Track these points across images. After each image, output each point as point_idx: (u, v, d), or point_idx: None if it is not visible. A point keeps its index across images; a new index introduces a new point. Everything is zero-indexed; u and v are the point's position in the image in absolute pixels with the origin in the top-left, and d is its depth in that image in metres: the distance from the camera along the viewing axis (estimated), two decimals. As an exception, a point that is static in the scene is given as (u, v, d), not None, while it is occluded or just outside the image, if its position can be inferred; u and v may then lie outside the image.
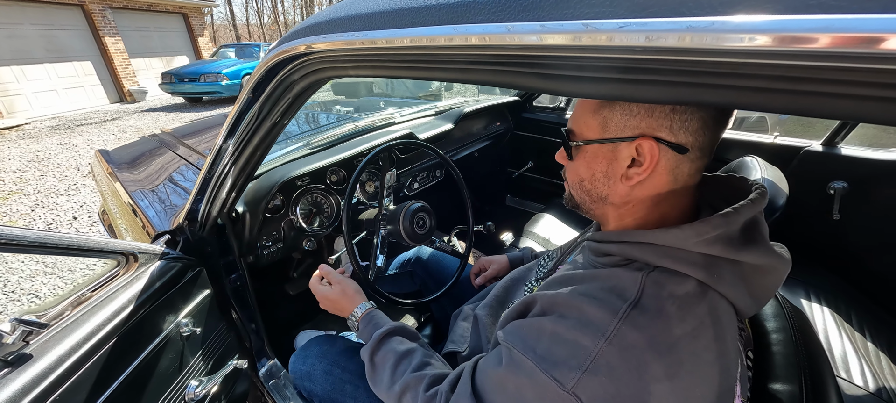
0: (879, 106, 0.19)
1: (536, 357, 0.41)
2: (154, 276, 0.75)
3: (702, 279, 0.40)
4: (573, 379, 0.38)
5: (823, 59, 0.19)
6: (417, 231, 1.00)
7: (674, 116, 0.42)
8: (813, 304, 1.14)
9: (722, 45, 0.21)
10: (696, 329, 0.38)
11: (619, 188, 0.47)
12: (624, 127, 0.44)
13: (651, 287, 0.40)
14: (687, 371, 0.37)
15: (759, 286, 0.42)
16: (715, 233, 0.40)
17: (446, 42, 0.33)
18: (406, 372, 0.60)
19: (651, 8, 0.23)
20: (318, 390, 0.84)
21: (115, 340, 0.66)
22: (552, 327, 0.42)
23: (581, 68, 0.29)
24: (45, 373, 0.56)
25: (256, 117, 0.60)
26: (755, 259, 0.41)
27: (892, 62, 0.17)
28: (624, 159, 0.45)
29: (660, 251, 0.42)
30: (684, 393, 0.37)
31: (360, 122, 1.55)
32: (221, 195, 0.80)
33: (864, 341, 1.06)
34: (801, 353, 0.48)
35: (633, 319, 0.38)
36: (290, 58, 0.49)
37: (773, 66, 0.21)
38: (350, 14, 0.41)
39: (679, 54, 0.23)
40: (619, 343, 0.38)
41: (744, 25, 0.20)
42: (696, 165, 0.44)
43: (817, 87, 0.20)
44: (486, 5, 0.31)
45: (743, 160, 1.23)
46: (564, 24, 0.27)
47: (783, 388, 0.46)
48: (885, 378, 0.97)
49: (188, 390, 0.83)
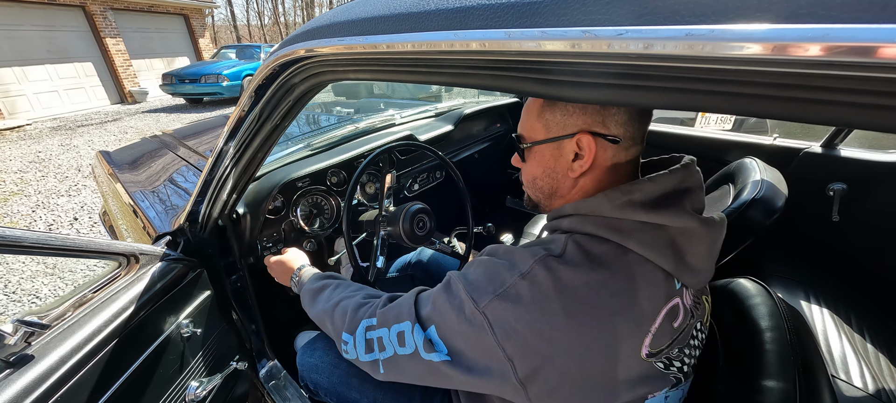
0: (870, 113, 0.19)
1: (466, 283, 0.48)
2: (155, 277, 0.75)
3: (617, 241, 0.45)
4: (486, 301, 0.45)
5: (816, 67, 0.19)
6: (417, 233, 1.00)
7: (604, 112, 0.48)
8: (812, 305, 1.14)
9: (719, 53, 0.22)
10: (602, 281, 0.43)
11: (567, 181, 0.54)
12: (564, 126, 0.51)
13: (573, 246, 0.46)
14: (582, 312, 0.42)
15: (692, 254, 0.46)
16: (625, 198, 0.46)
17: (447, 47, 0.33)
18: (344, 291, 0.66)
19: (647, 16, 0.23)
20: (325, 382, 0.85)
21: (116, 341, 0.66)
22: (487, 262, 0.49)
23: (579, 74, 0.30)
24: (46, 374, 0.56)
25: (257, 120, 0.60)
26: (668, 221, 0.45)
27: (882, 70, 0.18)
28: (568, 154, 0.52)
29: (583, 219, 0.48)
30: (577, 331, 0.42)
31: (360, 123, 1.56)
32: (222, 197, 0.80)
33: (863, 342, 1.07)
34: (797, 352, 0.48)
35: (547, 263, 0.44)
36: (292, 61, 0.49)
37: (766, 73, 0.21)
38: (351, 18, 0.42)
39: (676, 61, 0.24)
40: (531, 280, 0.44)
41: (738, 33, 0.21)
42: (630, 152, 0.51)
43: (810, 94, 0.21)
44: (486, 10, 0.31)
45: (742, 162, 1.23)
46: (564, 31, 0.27)
47: (777, 386, 0.46)
48: (885, 379, 0.97)
49: (189, 391, 0.83)
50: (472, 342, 0.46)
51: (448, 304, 0.48)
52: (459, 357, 0.47)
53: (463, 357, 0.47)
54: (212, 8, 11.03)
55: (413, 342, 0.50)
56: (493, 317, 0.44)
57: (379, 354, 0.54)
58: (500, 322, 0.44)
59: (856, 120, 0.21)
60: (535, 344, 0.43)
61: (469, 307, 0.46)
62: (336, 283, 0.71)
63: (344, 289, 0.67)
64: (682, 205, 0.47)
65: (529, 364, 0.43)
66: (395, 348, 0.52)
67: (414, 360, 0.50)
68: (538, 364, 0.43)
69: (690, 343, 0.49)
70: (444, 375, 0.49)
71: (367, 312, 0.58)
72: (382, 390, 0.78)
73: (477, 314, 0.45)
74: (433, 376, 0.50)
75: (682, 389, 0.51)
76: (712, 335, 0.62)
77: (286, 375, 1.14)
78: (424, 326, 0.50)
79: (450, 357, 0.47)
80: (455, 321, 0.47)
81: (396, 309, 0.54)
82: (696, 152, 1.62)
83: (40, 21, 7.50)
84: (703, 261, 0.47)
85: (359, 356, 0.57)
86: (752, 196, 1.01)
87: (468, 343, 0.46)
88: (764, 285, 0.64)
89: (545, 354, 0.42)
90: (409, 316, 0.51)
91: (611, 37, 0.25)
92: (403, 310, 0.53)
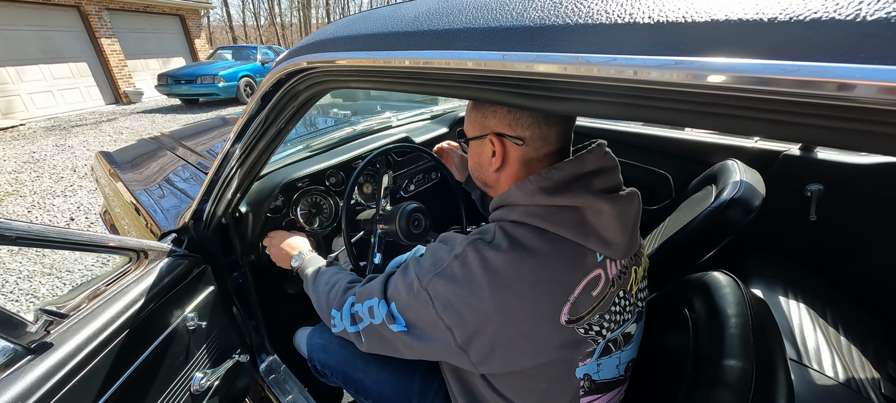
0: (822, 132, 0.24)
1: (417, 265, 0.56)
2: (163, 272, 0.79)
3: (535, 225, 0.51)
4: (427, 279, 0.53)
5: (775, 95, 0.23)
6: (413, 231, 1.04)
7: (509, 115, 0.56)
8: (790, 301, 1.20)
9: (694, 81, 0.25)
10: (521, 259, 0.49)
11: (491, 174, 0.62)
12: (483, 127, 0.59)
13: (500, 232, 0.53)
14: (504, 287, 0.49)
15: (605, 229, 0.51)
16: (534, 187, 0.52)
17: (443, 65, 0.37)
18: (337, 275, 0.76)
19: (631, 47, 0.27)
20: (333, 362, 0.91)
21: (127, 332, 0.70)
22: (434, 247, 0.57)
23: (569, 92, 0.33)
24: (64, 361, 0.60)
25: (263, 123, 0.64)
26: (576, 202, 0.51)
27: (818, 98, 0.22)
28: (487, 151, 0.60)
29: (508, 209, 0.55)
30: (500, 303, 0.49)
31: (357, 125, 1.60)
32: (227, 196, 0.84)
33: (837, 335, 1.12)
34: (757, 337, 0.53)
35: (477, 246, 0.51)
36: (297, 71, 0.53)
37: (735, 97, 0.25)
38: (352, 34, 0.46)
39: (655, 85, 0.27)
40: (462, 260, 0.51)
41: (707, 66, 0.25)
42: (542, 151, 0.57)
43: (778, 116, 0.25)
44: (478, 34, 0.35)
45: (725, 164, 1.29)
46: (556, 56, 0.31)
47: (737, 364, 0.51)
48: (855, 369, 1.03)
49: (194, 381, 0.87)
50: (419, 315, 0.54)
51: (403, 282, 0.57)
52: (413, 329, 0.55)
53: (415, 329, 0.55)
54: (208, 8, 11.01)
55: (380, 314, 0.58)
56: (433, 293, 0.52)
57: (360, 325, 0.62)
58: (438, 297, 0.52)
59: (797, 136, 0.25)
60: (467, 315, 0.50)
61: (416, 285, 0.54)
62: (333, 270, 0.80)
63: (337, 274, 0.77)
64: (590, 186, 0.53)
65: (465, 332, 0.51)
66: (370, 319, 0.60)
67: (383, 331, 0.58)
68: (473, 331, 0.50)
69: (611, 309, 0.54)
70: (407, 345, 0.57)
71: (352, 291, 0.67)
72: (386, 371, 0.83)
73: (422, 290, 0.53)
74: (403, 346, 0.58)
75: (617, 357, 0.57)
76: (685, 321, 0.67)
77: (286, 369, 1.17)
78: (388, 302, 0.58)
79: (407, 328, 0.56)
80: (406, 297, 0.55)
81: (370, 288, 0.63)
82: (683, 155, 1.68)
83: (35, 21, 7.47)
84: (617, 234, 0.52)
85: (346, 327, 0.65)
86: (730, 196, 1.06)
87: (417, 316, 0.54)
88: (734, 277, 0.69)
89: (477, 323, 0.50)
90: (379, 293, 0.60)
91: (600, 63, 0.28)
92: (375, 288, 0.62)
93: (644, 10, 0.28)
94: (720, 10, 0.25)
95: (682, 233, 1.16)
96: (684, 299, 0.73)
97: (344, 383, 0.89)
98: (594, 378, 0.55)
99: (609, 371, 0.56)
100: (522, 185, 0.54)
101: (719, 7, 0.25)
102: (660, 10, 0.27)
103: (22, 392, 0.55)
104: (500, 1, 0.36)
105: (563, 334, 0.50)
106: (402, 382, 0.80)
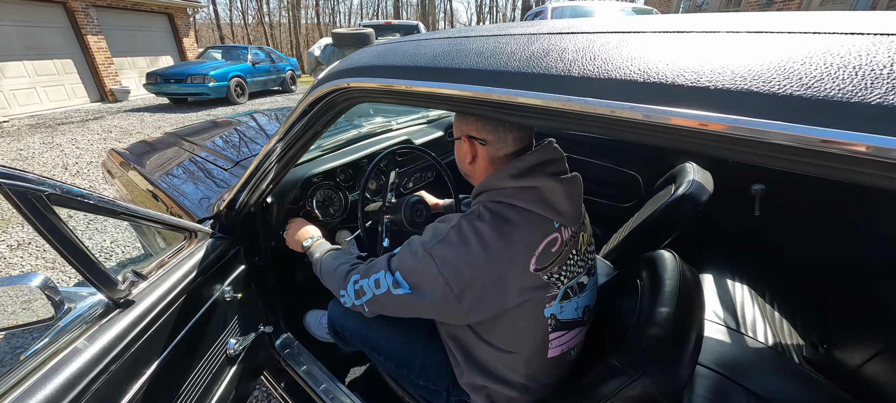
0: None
1: (419, 239, 0.72)
2: (209, 250, 0.94)
3: (508, 202, 0.68)
4: (430, 245, 0.68)
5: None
6: (416, 220, 1.21)
7: (477, 123, 0.73)
8: (735, 282, 1.41)
9: (671, 122, 0.43)
10: (501, 226, 0.66)
11: (466, 165, 0.79)
12: (460, 129, 0.77)
13: (484, 209, 0.69)
14: (490, 246, 0.64)
15: (558, 202, 0.68)
16: (504, 173, 0.69)
17: (450, 93, 0.54)
18: (341, 259, 0.90)
19: (629, 95, 0.45)
20: (352, 325, 1.07)
21: (185, 296, 0.84)
22: (434, 226, 0.72)
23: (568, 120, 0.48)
24: (142, 316, 0.74)
25: (304, 127, 0.80)
26: (535, 183, 0.67)
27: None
28: (464, 148, 0.77)
29: (487, 193, 0.72)
30: (488, 258, 0.64)
31: (362, 128, 1.76)
32: (261, 187, 0.99)
33: (772, 310, 1.34)
34: (682, 293, 0.73)
35: (468, 219, 0.68)
36: (339, 89, 0.69)
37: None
38: (385, 64, 0.62)
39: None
40: (457, 229, 0.67)
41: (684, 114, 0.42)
42: (502, 151, 0.73)
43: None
44: (477, 73, 0.52)
45: (683, 166, 1.50)
46: (557, 96, 0.47)
47: (665, 310, 0.70)
48: (784, 336, 1.24)
49: (229, 346, 1.01)
50: (423, 274, 0.68)
51: (408, 252, 0.71)
52: (416, 290, 0.69)
53: (418, 289, 0.69)
54: (196, 7, 10.94)
55: (386, 283, 0.72)
56: (435, 255, 0.67)
57: (363, 298, 0.77)
58: (439, 257, 0.66)
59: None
60: (462, 269, 0.65)
61: (421, 251, 0.69)
62: (338, 254, 0.95)
63: (339, 258, 0.91)
64: (545, 171, 0.69)
65: (461, 283, 0.65)
66: (374, 291, 0.74)
67: (388, 296, 0.72)
68: (466, 282, 0.65)
69: (567, 263, 0.71)
70: (409, 304, 0.71)
71: (354, 270, 0.81)
72: (396, 332, 1.00)
73: (426, 254, 0.68)
74: (403, 307, 0.72)
75: (574, 302, 0.73)
76: (636, 287, 0.85)
77: (299, 344, 1.32)
78: (393, 271, 0.72)
79: (411, 290, 0.70)
80: (411, 262, 0.70)
81: (374, 266, 0.77)
82: (649, 157, 1.90)
83: (19, 16, 7.33)
84: (567, 206, 0.69)
85: (353, 302, 0.80)
86: (682, 193, 1.27)
87: (421, 277, 0.68)
88: (674, 254, 0.88)
89: (470, 275, 0.65)
90: (384, 267, 0.74)
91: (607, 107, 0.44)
92: (379, 264, 0.76)
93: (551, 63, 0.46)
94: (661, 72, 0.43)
95: (645, 225, 1.37)
96: (637, 271, 0.91)
97: (361, 343, 1.05)
98: (559, 317, 0.72)
99: (569, 313, 0.73)
100: (497, 173, 0.70)
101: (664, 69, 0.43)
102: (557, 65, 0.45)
103: (112, 340, 0.68)
104: (493, 49, 0.53)
105: (532, 279, 0.66)
106: (409, 340, 0.97)
